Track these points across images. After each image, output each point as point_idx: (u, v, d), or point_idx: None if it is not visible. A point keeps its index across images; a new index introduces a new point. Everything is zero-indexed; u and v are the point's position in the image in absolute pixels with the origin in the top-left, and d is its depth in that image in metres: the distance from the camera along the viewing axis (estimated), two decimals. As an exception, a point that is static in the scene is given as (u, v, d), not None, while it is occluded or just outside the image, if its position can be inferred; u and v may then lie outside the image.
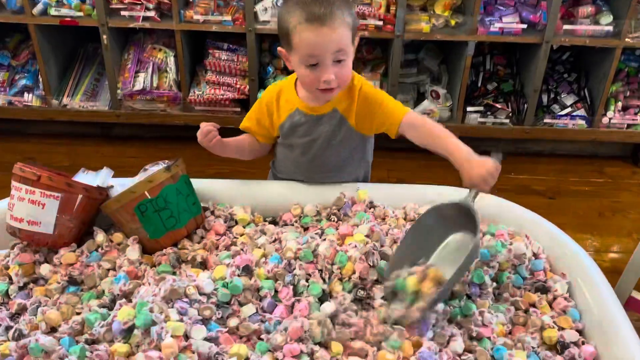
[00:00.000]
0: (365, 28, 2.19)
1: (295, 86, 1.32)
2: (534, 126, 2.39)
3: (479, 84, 2.45)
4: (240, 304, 1.04)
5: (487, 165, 1.11)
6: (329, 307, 1.03)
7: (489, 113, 2.39)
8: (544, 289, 1.15)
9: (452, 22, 2.22)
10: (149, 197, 1.13)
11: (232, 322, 1.01)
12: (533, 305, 1.12)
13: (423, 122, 1.26)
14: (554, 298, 1.13)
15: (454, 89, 2.39)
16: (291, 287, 1.07)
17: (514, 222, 1.27)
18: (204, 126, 1.29)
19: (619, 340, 1.01)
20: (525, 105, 2.40)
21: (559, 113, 2.39)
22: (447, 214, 1.13)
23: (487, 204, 1.32)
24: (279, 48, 1.26)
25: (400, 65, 2.29)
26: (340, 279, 1.11)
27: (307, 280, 1.09)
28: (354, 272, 1.10)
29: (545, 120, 2.40)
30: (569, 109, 2.40)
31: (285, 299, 1.05)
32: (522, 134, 2.41)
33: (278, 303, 1.05)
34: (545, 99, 2.44)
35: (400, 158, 2.49)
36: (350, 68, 1.22)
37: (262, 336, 0.99)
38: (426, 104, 2.34)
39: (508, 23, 2.19)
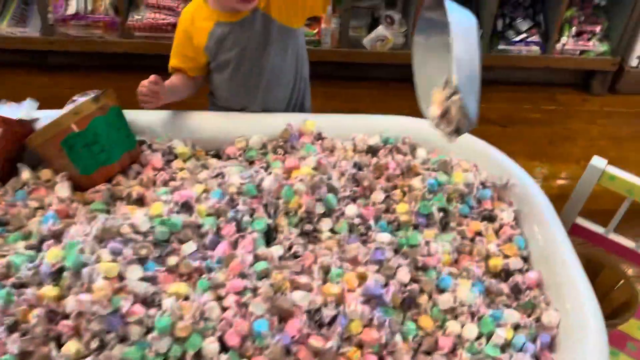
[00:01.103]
0: (315, -54, 2.05)
1: (206, 1, 1.24)
2: (488, 53, 2.35)
3: (435, 9, 2.37)
4: (181, 242, 1.00)
5: None
6: (276, 250, 0.99)
7: (444, 39, 2.33)
8: (490, 218, 1.14)
9: (407, -59, 2.10)
10: (76, 130, 1.05)
11: (171, 260, 0.96)
12: (479, 233, 1.12)
13: None
14: (500, 227, 1.13)
15: (409, 14, 2.30)
16: (234, 223, 1.03)
17: (464, 152, 1.24)
18: (147, 84, 1.17)
19: (562, 266, 1.03)
20: (481, 31, 2.34)
21: (514, 39, 2.35)
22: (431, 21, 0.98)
23: (437, 133, 1.29)
24: None
25: (353, -12, 2.18)
26: (287, 214, 1.07)
27: (251, 216, 1.05)
28: (300, 206, 1.07)
29: (500, 47, 2.36)
30: (523, 35, 2.36)
31: (228, 235, 1.01)
32: (477, 61, 2.37)
33: (221, 240, 1.01)
34: (500, 24, 2.39)
35: (355, 87, 2.43)
36: None
37: (204, 275, 0.95)
38: (380, 30, 2.25)
39: (465, -58, 2.09)
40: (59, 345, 0.85)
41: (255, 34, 1.25)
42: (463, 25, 0.89)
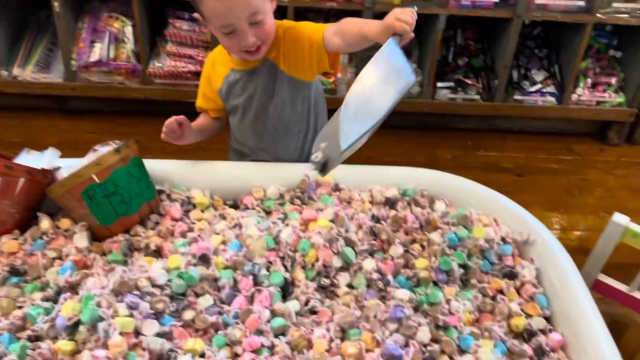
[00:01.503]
0: (333, -1, 2.11)
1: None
2: (504, 102, 2.36)
3: (450, 59, 2.40)
4: (197, 295, 0.99)
5: (394, 12, 1.03)
6: (293, 306, 0.98)
7: (459, 89, 2.35)
8: (511, 275, 1.12)
9: (423, -5, 2.15)
10: (97, 181, 1.05)
11: (188, 314, 0.95)
12: (501, 291, 1.09)
13: (338, 25, 1.19)
14: (522, 284, 1.11)
15: (424, 63, 2.34)
16: (251, 276, 1.02)
17: (482, 205, 1.23)
18: (169, 123, 1.21)
19: (586, 326, 1.00)
20: (496, 81, 2.36)
21: (529, 89, 2.37)
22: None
23: (455, 186, 1.29)
24: (195, 14, 1.21)
25: (369, 38, 2.22)
26: (304, 267, 1.06)
27: (268, 269, 1.04)
28: (317, 260, 1.05)
29: (515, 97, 2.37)
30: (538, 85, 2.37)
31: (245, 289, 1.00)
32: (492, 111, 2.38)
33: (237, 294, 1.00)
34: (515, 74, 2.41)
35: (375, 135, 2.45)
36: (271, 24, 1.18)
37: (220, 330, 0.94)
38: (396, 79, 2.28)
39: (480, -4, 2.13)
40: (73, 402, 0.83)
41: (262, 82, 1.28)
42: (391, 64, 0.88)
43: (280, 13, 2.33)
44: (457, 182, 1.30)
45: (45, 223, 1.09)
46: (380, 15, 2.50)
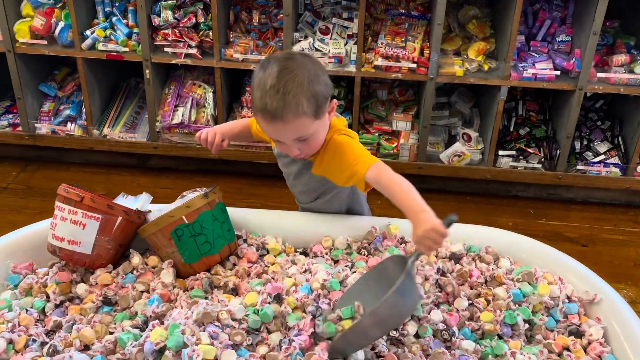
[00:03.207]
0: (398, 70, 2.24)
1: None
2: (566, 172, 2.37)
3: (511, 129, 2.45)
4: (269, 332, 1.05)
5: (428, 224, 0.99)
6: (361, 353, 1.02)
7: (521, 157, 2.39)
8: (577, 333, 1.12)
9: (485, 67, 2.25)
10: (186, 222, 1.16)
11: (261, 349, 1.01)
12: (567, 349, 1.09)
13: (382, 178, 1.14)
14: (589, 343, 1.11)
15: (485, 132, 2.40)
16: (310, 316, 1.06)
17: (548, 264, 1.25)
18: (208, 136, 1.34)
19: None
20: (558, 151, 2.39)
21: (592, 160, 2.37)
22: (391, 268, 1.08)
23: (520, 245, 1.31)
24: None
25: (432, 107, 2.32)
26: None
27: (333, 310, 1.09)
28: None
29: (578, 167, 2.38)
30: (602, 157, 2.37)
31: (305, 329, 1.04)
32: (554, 180, 2.39)
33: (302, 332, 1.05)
34: (577, 145, 2.43)
35: (433, 199, 2.49)
36: (318, 140, 1.19)
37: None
38: (457, 145, 2.35)
39: (541, 69, 2.20)
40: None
41: (295, 169, 1.34)
42: (404, 297, 0.97)
43: (348, 83, 2.48)
44: (521, 241, 1.33)
45: (136, 259, 1.20)
46: (443, 88, 2.59)
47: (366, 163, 1.17)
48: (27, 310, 1.12)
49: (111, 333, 1.06)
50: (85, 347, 1.03)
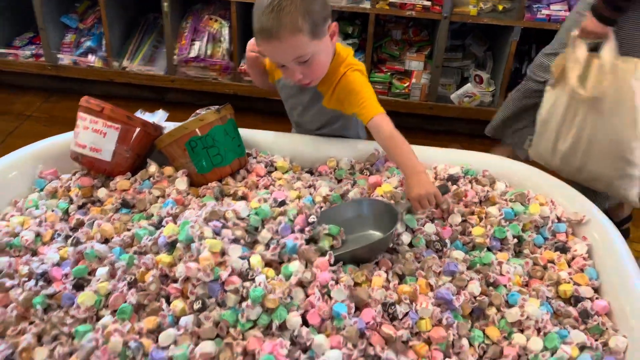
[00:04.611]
0: (412, 8, 2.25)
1: None
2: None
3: (523, 72, 2.47)
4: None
5: (427, 188, 1.14)
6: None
7: (531, 101, 2.41)
8: (563, 249, 1.19)
9: (500, 7, 2.25)
10: (199, 134, 1.24)
11: (258, 248, 1.08)
12: (552, 262, 1.16)
13: (383, 130, 1.21)
14: (573, 258, 1.17)
15: (497, 75, 2.42)
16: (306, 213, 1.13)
17: (541, 188, 1.31)
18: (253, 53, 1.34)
19: (631, 296, 1.05)
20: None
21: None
22: (375, 209, 1.18)
23: (516, 170, 1.37)
24: None
25: (445, 48, 2.33)
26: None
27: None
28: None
29: None
30: None
31: (298, 223, 1.11)
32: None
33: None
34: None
35: (441, 140, 2.54)
36: (321, 62, 1.20)
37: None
38: (468, 87, 2.37)
39: (556, 10, 2.20)
40: (168, 303, 0.99)
41: (305, 99, 1.38)
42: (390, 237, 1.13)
43: (362, 21, 2.50)
44: (517, 167, 1.39)
45: (152, 167, 1.28)
46: (457, 30, 2.57)
47: (371, 111, 1.22)
48: (52, 210, 1.22)
49: (129, 230, 1.15)
50: (105, 241, 1.13)
